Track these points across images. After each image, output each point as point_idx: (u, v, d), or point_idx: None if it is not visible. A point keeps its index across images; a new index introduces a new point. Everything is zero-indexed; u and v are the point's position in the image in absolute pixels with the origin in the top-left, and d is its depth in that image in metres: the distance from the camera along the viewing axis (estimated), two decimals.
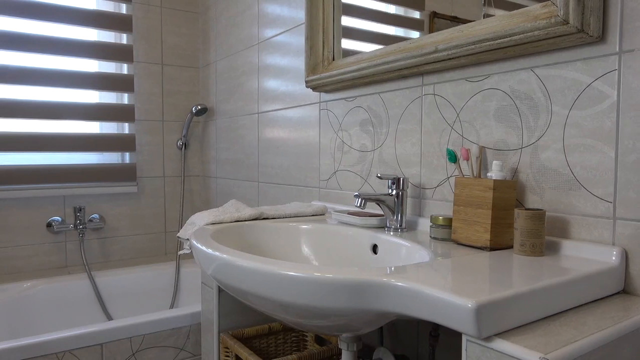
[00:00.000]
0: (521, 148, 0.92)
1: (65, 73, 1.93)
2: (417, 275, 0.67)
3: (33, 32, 1.87)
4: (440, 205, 1.08)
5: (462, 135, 1.03)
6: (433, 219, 0.98)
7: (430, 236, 0.99)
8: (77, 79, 1.96)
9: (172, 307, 2.04)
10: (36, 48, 1.87)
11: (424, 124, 1.13)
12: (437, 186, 1.09)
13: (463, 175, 0.95)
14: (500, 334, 0.57)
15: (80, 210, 1.98)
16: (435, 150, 1.10)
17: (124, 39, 2.11)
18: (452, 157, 0.98)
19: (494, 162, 0.90)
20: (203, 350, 1.33)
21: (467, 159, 0.95)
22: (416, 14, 1.15)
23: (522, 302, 0.60)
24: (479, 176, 0.95)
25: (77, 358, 1.32)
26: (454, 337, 1.02)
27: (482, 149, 0.97)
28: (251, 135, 1.87)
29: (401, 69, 1.12)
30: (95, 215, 2.04)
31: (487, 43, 0.90)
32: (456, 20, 1.04)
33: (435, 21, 1.10)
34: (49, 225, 1.95)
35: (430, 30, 1.10)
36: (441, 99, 1.08)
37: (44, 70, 1.89)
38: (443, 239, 0.96)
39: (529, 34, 0.83)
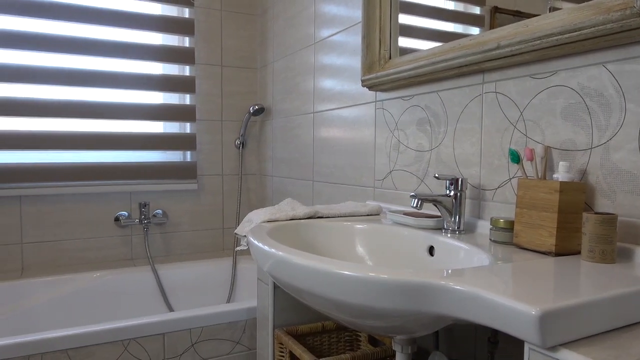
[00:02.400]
0: (591, 148, 0.87)
1: (133, 76, 2.04)
2: (476, 279, 0.65)
3: (106, 37, 1.99)
4: (501, 208, 1.05)
5: (525, 135, 0.99)
6: (493, 222, 0.95)
7: (490, 239, 0.96)
8: (144, 81, 2.07)
9: (228, 301, 2.10)
10: (107, 52, 1.99)
11: (484, 123, 1.09)
12: (498, 187, 1.05)
13: (526, 177, 0.91)
14: (565, 344, 0.54)
15: (145, 205, 2.08)
16: (496, 150, 1.06)
17: (186, 42, 2.19)
18: (515, 158, 0.94)
19: (561, 163, 0.85)
20: (258, 344, 1.36)
21: (531, 159, 0.91)
22: (476, 10, 1.12)
23: (590, 312, 0.57)
24: (544, 177, 0.91)
25: (141, 346, 1.39)
26: (515, 344, 0.98)
27: (547, 149, 0.92)
28: (307, 135, 1.89)
29: (460, 67, 1.09)
30: (159, 211, 2.14)
31: (555, 38, 0.86)
32: (519, 15, 1.00)
33: (497, 16, 1.06)
34: (116, 219, 2.06)
35: (492, 26, 1.06)
36: (503, 97, 1.04)
37: (113, 73, 2.00)
38: (504, 243, 0.93)
39: (601, 27, 0.78)
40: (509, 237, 0.92)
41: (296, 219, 1.21)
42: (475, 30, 1.12)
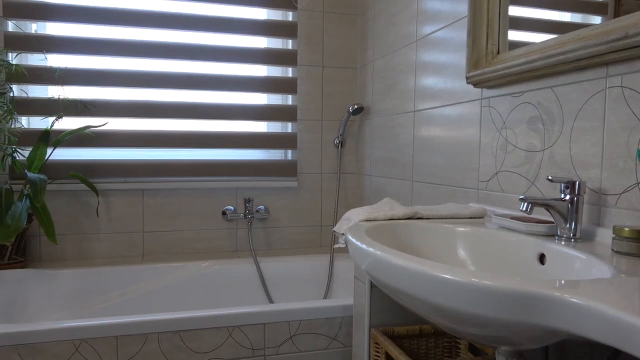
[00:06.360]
0: None
1: (240, 78, 2.17)
2: (594, 292, 0.59)
3: (217, 43, 2.13)
4: (627, 215, 0.94)
5: None
6: (617, 230, 0.85)
7: (612, 249, 0.87)
8: (249, 83, 2.18)
9: (325, 297, 2.14)
10: (218, 57, 2.13)
11: (607, 120, 0.99)
12: (623, 192, 0.95)
13: None
14: None
15: (249, 201, 2.20)
16: (621, 151, 0.95)
17: (289, 44, 2.27)
18: None
19: None
20: (354, 342, 1.37)
21: None
22: None
23: None
24: None
25: (244, 334, 1.47)
26: None
27: None
28: (406, 134, 1.86)
29: (579, 60, 0.99)
30: (262, 207, 2.25)
31: None
32: None
33: (623, 2, 0.95)
34: (223, 213, 2.21)
35: (617, 14, 0.96)
36: (631, 91, 0.93)
37: (223, 76, 2.14)
38: (629, 254, 0.83)
39: None
40: (636, 249, 0.83)
41: (395, 219, 1.20)
42: (596, 20, 1.02)
